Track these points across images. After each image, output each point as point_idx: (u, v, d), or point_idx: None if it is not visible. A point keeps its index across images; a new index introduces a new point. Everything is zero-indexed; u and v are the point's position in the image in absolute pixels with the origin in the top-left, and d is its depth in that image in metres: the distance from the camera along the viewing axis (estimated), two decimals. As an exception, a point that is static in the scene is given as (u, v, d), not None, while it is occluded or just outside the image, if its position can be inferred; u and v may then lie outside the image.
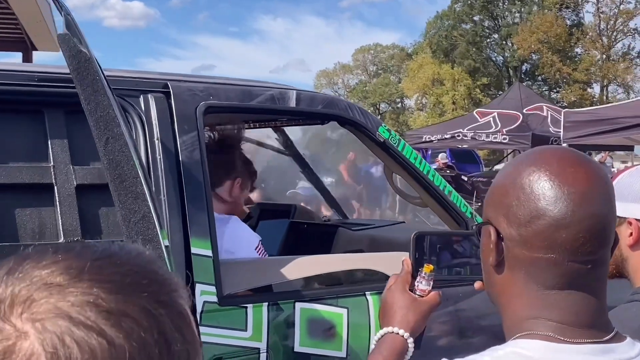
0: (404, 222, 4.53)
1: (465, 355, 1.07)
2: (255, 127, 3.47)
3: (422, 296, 1.47)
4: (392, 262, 2.14)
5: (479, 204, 11.65)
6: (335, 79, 60.27)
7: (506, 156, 19.36)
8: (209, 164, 2.65)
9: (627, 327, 1.66)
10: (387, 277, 1.54)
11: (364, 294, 2.56)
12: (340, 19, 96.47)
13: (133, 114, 2.35)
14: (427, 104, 48.98)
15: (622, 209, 1.84)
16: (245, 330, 2.34)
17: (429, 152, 19.24)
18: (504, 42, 48.85)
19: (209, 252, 2.30)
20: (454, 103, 44.48)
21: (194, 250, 2.27)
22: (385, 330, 1.43)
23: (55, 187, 2.25)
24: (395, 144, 2.78)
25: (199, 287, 2.26)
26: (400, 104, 57.14)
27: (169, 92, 2.40)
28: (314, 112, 2.72)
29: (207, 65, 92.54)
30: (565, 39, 44.05)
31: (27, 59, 14.06)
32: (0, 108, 2.28)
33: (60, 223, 2.22)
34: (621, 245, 1.86)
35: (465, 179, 13.19)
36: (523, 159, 1.11)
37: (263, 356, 2.35)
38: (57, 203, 2.24)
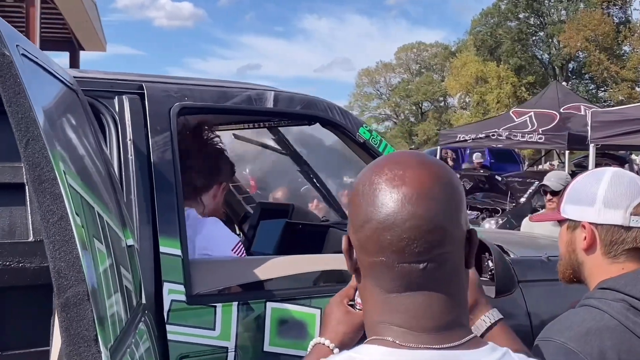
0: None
1: None
2: (244, 129, 3.49)
3: (361, 309, 1.47)
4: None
5: (513, 204, 11.48)
6: (377, 77, 60.01)
7: (542, 156, 19.04)
8: (199, 169, 2.67)
9: (574, 331, 1.64)
10: None
11: (338, 295, 2.55)
12: (385, 18, 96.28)
13: (106, 114, 2.39)
14: (470, 103, 48.38)
15: (576, 213, 1.81)
16: (214, 329, 2.35)
17: (467, 152, 19.01)
18: (549, 40, 48.00)
19: (178, 252, 2.32)
20: (498, 102, 43.81)
21: (162, 249, 2.30)
22: (315, 340, 1.47)
23: (27, 187, 2.30)
24: (376, 144, 2.76)
25: (166, 286, 2.28)
26: (443, 103, 56.64)
27: (144, 93, 2.44)
28: (292, 112, 2.71)
29: (254, 65, 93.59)
30: (613, 37, 43.03)
31: (74, 58, 14.39)
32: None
33: (30, 222, 2.27)
34: (576, 249, 1.83)
35: (500, 179, 12.98)
36: (368, 165, 1.12)
37: (231, 355, 2.36)
38: (28, 202, 2.29)
